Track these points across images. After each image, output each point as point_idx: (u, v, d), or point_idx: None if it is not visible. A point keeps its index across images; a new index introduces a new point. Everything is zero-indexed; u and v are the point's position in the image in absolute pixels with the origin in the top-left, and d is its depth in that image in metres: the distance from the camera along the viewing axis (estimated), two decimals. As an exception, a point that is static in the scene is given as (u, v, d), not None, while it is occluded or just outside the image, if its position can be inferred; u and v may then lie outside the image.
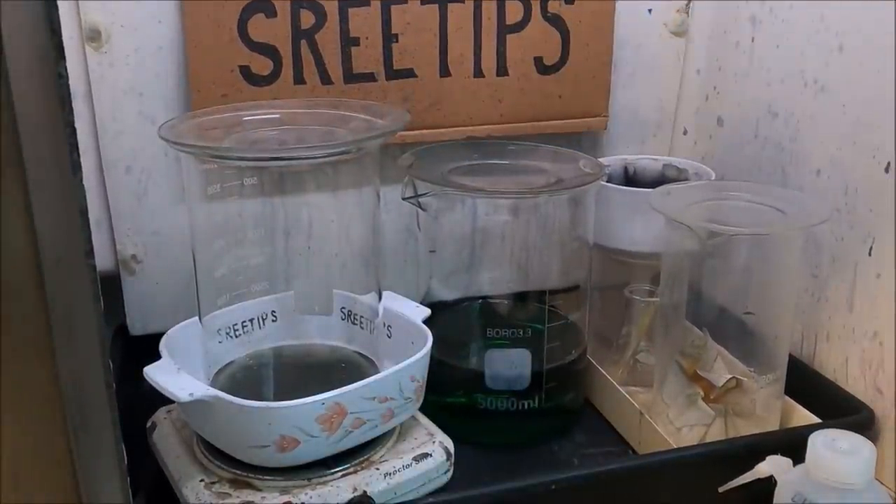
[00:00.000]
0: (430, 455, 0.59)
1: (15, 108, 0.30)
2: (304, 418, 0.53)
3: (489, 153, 0.72)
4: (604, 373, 0.71)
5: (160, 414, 0.64)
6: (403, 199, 0.65)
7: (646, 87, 0.81)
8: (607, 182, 0.73)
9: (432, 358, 0.60)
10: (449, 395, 0.67)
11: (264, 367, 0.65)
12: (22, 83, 0.30)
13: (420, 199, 0.64)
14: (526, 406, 0.66)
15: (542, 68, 0.75)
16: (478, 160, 0.71)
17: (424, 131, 0.73)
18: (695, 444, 0.63)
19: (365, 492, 0.55)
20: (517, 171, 0.70)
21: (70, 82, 0.33)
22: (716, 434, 0.63)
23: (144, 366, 0.55)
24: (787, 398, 0.66)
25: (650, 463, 0.60)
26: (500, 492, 0.56)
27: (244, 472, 0.56)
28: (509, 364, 0.66)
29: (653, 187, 0.66)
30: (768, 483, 0.54)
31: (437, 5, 0.71)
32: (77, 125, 0.34)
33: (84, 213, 0.34)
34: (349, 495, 0.55)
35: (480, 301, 0.73)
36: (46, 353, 0.33)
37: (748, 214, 0.63)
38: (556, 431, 0.69)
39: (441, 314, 0.67)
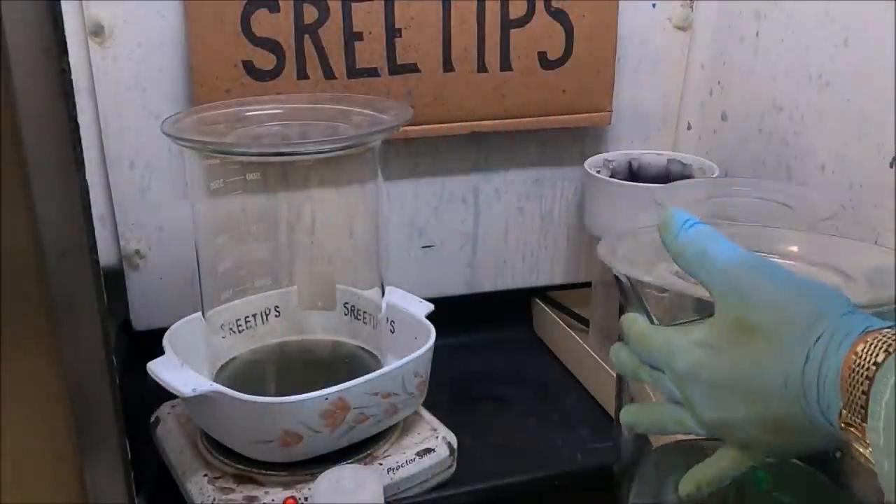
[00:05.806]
0: (434, 450, 0.59)
1: (17, 104, 0.30)
2: (307, 414, 0.53)
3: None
4: (607, 368, 0.71)
5: (164, 409, 0.64)
6: None
7: (650, 82, 0.80)
8: (611, 178, 0.73)
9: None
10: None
11: (267, 363, 0.65)
12: (24, 78, 0.30)
13: None
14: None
15: (546, 63, 0.75)
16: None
17: (427, 126, 0.73)
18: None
19: None
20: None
21: (73, 77, 0.33)
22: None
23: (148, 361, 0.55)
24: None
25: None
26: (503, 487, 0.56)
27: (247, 467, 0.56)
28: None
29: (657, 182, 0.66)
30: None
31: (440, 0, 0.70)
32: (80, 120, 0.34)
33: (87, 208, 0.34)
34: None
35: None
36: (50, 349, 0.33)
37: (753, 210, 0.63)
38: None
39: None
